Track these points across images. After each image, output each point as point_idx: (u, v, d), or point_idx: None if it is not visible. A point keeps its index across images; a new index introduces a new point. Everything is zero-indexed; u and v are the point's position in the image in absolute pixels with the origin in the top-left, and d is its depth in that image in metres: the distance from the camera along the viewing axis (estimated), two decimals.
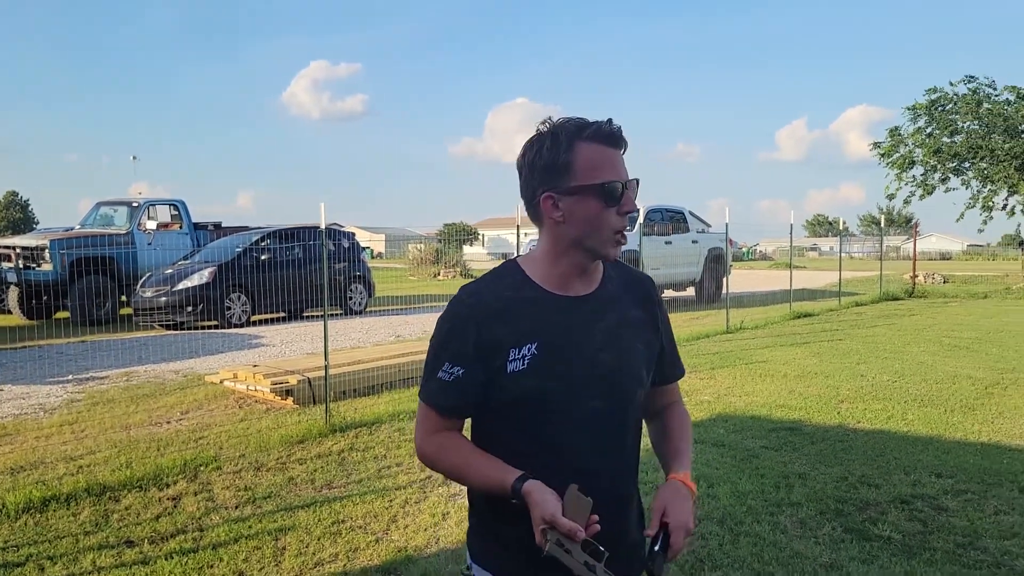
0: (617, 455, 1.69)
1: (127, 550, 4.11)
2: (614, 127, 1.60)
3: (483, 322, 1.60)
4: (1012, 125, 23.08)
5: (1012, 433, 6.31)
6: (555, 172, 1.59)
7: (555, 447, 1.61)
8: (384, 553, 4.07)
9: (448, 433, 1.68)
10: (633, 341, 1.70)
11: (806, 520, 4.43)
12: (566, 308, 1.64)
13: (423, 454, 1.71)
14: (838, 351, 10.75)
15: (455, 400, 1.64)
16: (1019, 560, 3.89)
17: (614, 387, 1.65)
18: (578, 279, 1.67)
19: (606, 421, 1.65)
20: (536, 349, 1.59)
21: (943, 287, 24.41)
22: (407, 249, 32.86)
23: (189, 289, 13.18)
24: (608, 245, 1.62)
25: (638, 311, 1.75)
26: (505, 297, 1.63)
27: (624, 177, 1.60)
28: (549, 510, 1.44)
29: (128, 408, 7.29)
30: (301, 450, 5.87)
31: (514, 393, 1.59)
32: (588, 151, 1.58)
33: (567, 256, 1.64)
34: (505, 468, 1.57)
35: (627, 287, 1.77)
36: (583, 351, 1.62)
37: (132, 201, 15.89)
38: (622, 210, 1.60)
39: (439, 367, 1.63)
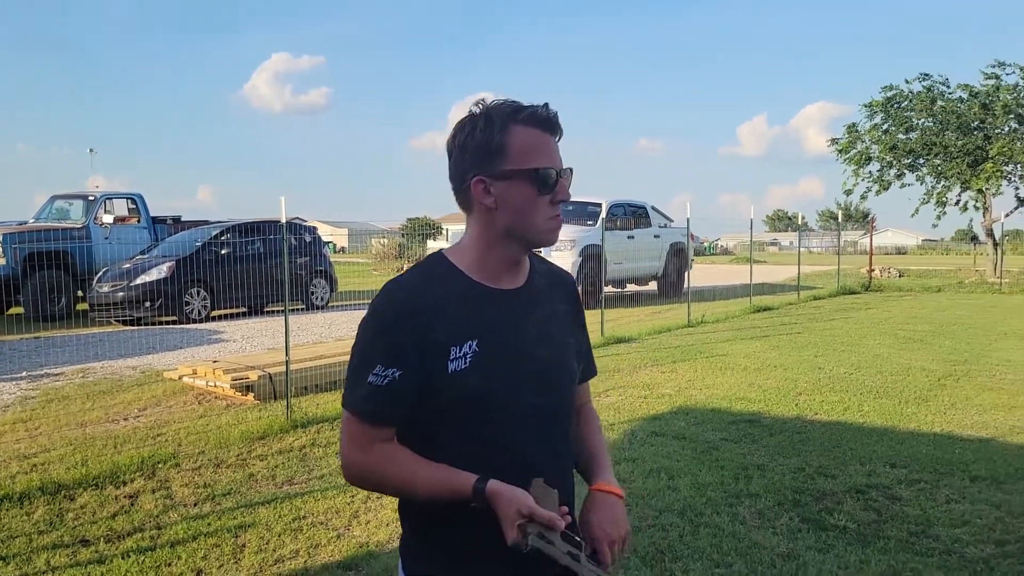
0: (559, 452, 1.64)
1: (82, 549, 4.04)
2: (550, 112, 1.54)
3: (419, 319, 1.48)
4: (965, 122, 23.61)
5: (963, 423, 6.45)
6: (487, 155, 1.51)
7: (500, 446, 1.53)
8: (346, 549, 4.05)
9: (387, 445, 1.53)
10: (564, 335, 1.67)
11: (764, 511, 4.50)
12: (501, 302, 1.57)
13: (357, 472, 1.55)
14: (796, 344, 10.91)
15: (391, 406, 1.50)
16: (969, 548, 3.99)
17: (551, 383, 1.60)
18: (509, 271, 1.60)
19: (547, 418, 1.59)
20: (477, 346, 1.50)
21: (898, 281, 24.88)
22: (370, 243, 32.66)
23: (147, 284, 12.97)
24: (544, 233, 1.55)
25: (564, 306, 1.70)
26: (438, 292, 1.53)
27: (559, 165, 1.54)
28: (527, 503, 1.40)
29: (84, 405, 7.17)
30: (262, 446, 5.82)
31: (455, 394, 1.49)
32: (523, 135, 1.51)
33: (499, 246, 1.57)
34: (457, 473, 1.47)
35: (552, 281, 1.71)
36: (521, 347, 1.56)
37: (88, 194, 15.58)
38: (556, 198, 1.54)
39: (369, 370, 1.48)
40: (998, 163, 22.83)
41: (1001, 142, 22.60)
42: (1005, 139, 22.75)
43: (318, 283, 15.76)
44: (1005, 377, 8.45)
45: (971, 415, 6.75)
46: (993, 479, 5.01)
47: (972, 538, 4.11)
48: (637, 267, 17.04)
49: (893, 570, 3.74)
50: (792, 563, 3.82)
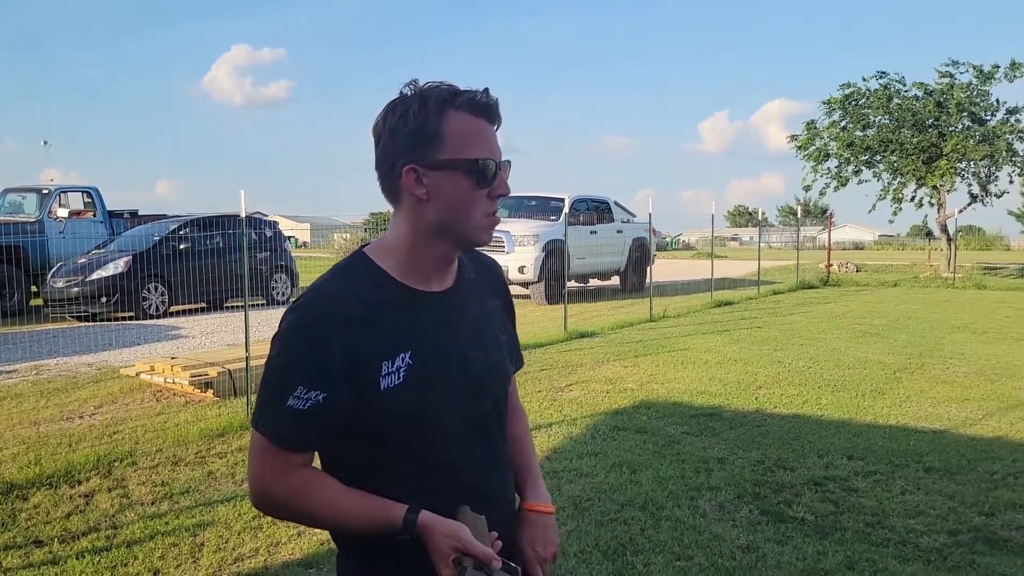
0: (502, 461, 1.56)
1: (35, 550, 3.96)
2: (490, 98, 1.41)
3: (346, 331, 1.34)
4: (920, 120, 24.05)
5: (918, 416, 6.58)
6: (421, 141, 1.37)
7: (441, 464, 1.43)
8: (306, 547, 4.02)
9: (303, 472, 1.39)
10: (495, 332, 1.57)
11: (725, 503, 4.55)
12: (433, 307, 1.45)
13: (270, 501, 1.41)
14: (757, 338, 11.04)
15: (313, 432, 1.36)
16: (924, 537, 4.07)
17: (487, 387, 1.50)
18: (439, 271, 1.47)
19: (487, 425, 1.51)
20: (411, 359, 1.38)
21: (856, 276, 25.29)
22: (332, 238, 32.39)
23: (103, 279, 12.74)
24: (479, 231, 1.43)
25: (494, 299, 1.61)
26: (365, 298, 1.38)
27: (499, 156, 1.41)
28: (461, 536, 1.32)
29: (38, 403, 7.02)
30: (221, 444, 5.74)
31: (391, 412, 1.36)
32: (460, 121, 1.38)
33: (428, 243, 1.43)
34: (385, 504, 1.36)
35: (481, 274, 1.61)
36: (455, 354, 1.45)
37: (42, 188, 15.25)
38: (494, 192, 1.41)
39: (289, 392, 1.32)
40: (952, 160, 23.28)
41: (955, 140, 23.05)
42: (959, 137, 23.20)
43: (279, 278, 15.61)
44: (958, 370, 8.64)
45: (925, 407, 6.88)
46: (946, 470, 5.11)
47: (926, 528, 4.19)
48: (600, 262, 17.11)
49: (850, 561, 3.80)
50: (751, 555, 3.87)
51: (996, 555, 3.88)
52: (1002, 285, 21.73)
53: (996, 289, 20.71)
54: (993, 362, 9.12)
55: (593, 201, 17.46)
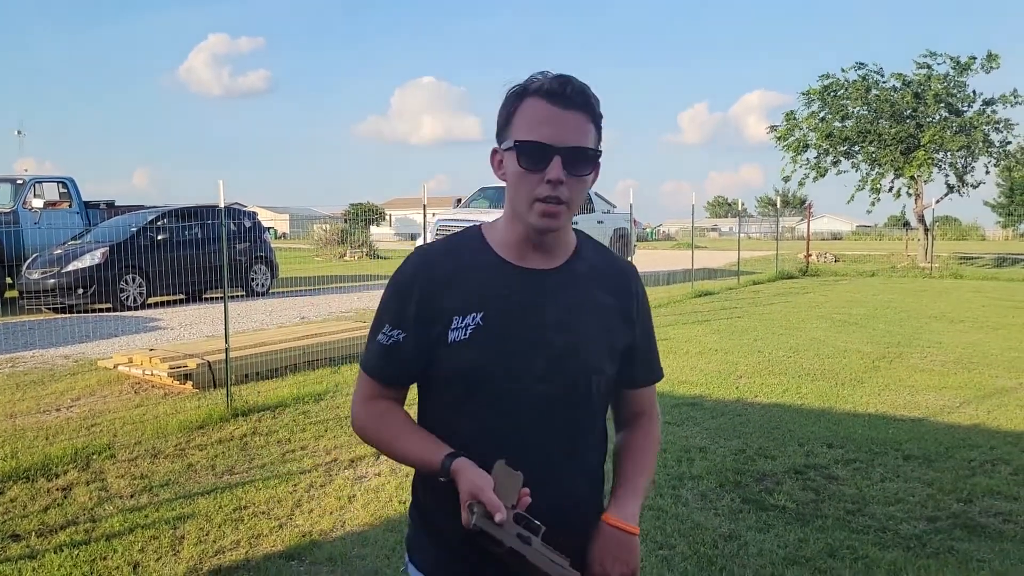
0: (566, 449, 1.52)
1: (12, 544, 3.91)
2: (563, 83, 1.42)
3: (428, 284, 1.49)
4: (898, 111, 24.22)
5: (897, 404, 6.64)
6: (501, 126, 1.49)
7: (488, 427, 1.47)
8: (288, 538, 4.00)
9: (383, 402, 1.56)
10: (597, 325, 1.54)
11: (706, 492, 4.57)
12: (521, 280, 1.50)
13: (354, 421, 1.60)
14: (737, 328, 11.10)
15: (392, 366, 1.53)
16: (903, 524, 4.10)
17: (565, 372, 1.49)
18: (535, 250, 1.51)
19: (553, 408, 1.49)
20: (481, 320, 1.46)
21: (835, 266, 25.48)
22: (312, 229, 32.23)
23: (80, 270, 12.59)
24: (529, 214, 1.45)
25: (609, 298, 1.57)
26: (457, 261, 1.51)
27: (563, 141, 1.41)
28: (478, 484, 1.34)
29: (14, 396, 6.93)
30: (201, 436, 5.70)
31: (453, 366, 1.47)
32: (531, 106, 1.43)
33: (515, 223, 1.51)
34: (438, 445, 1.46)
35: (602, 272, 1.59)
36: (534, 328, 1.48)
37: (17, 178, 15.04)
38: (546, 176, 1.41)
39: (380, 329, 1.52)
40: (929, 151, 23.48)
41: (932, 130, 23.23)
42: (936, 127, 23.39)
43: (259, 269, 15.49)
44: (935, 359, 8.72)
45: (904, 396, 6.95)
46: (925, 457, 5.16)
47: (905, 515, 4.23)
48: None
49: (831, 548, 3.83)
50: (733, 543, 3.89)
51: (974, 541, 3.92)
52: (978, 275, 21.97)
53: (972, 279, 20.94)
54: (970, 351, 9.21)
55: None
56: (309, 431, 5.82)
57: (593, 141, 1.47)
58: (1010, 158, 24.69)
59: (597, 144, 1.48)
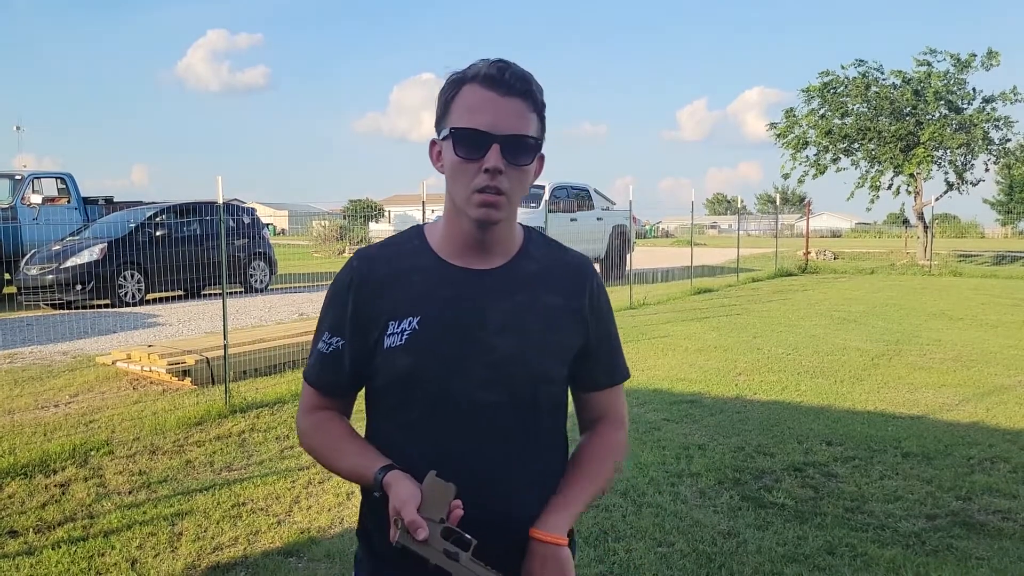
0: (511, 460, 1.43)
1: (10, 540, 3.90)
2: (501, 68, 1.35)
3: (364, 289, 1.44)
4: (898, 108, 24.18)
5: (896, 402, 6.64)
6: (440, 116, 1.41)
7: (434, 441, 1.40)
8: (286, 535, 3.99)
9: (324, 412, 1.51)
10: (543, 328, 1.45)
11: (705, 490, 4.56)
12: (460, 281, 1.42)
13: (298, 432, 1.55)
14: (736, 325, 11.09)
15: (332, 375, 1.48)
16: (902, 522, 4.10)
17: (508, 379, 1.40)
18: (475, 248, 1.43)
19: (496, 417, 1.40)
20: (418, 324, 1.39)
21: (834, 263, 25.46)
22: (311, 226, 32.19)
23: (78, 266, 12.58)
24: (468, 206, 1.37)
25: (558, 298, 1.48)
26: (395, 264, 1.45)
27: (501, 128, 1.33)
28: (401, 499, 1.27)
29: (12, 392, 6.92)
30: (199, 432, 5.69)
31: (390, 372, 1.41)
32: (469, 93, 1.36)
33: (455, 219, 1.43)
34: (373, 458, 1.39)
35: (551, 270, 1.50)
36: (474, 332, 1.40)
37: (15, 174, 15.01)
38: (483, 165, 1.34)
39: (320, 337, 1.49)
40: (929, 148, 23.46)
41: (932, 128, 23.21)
42: (936, 125, 23.36)
43: (257, 265, 15.47)
44: (935, 356, 8.72)
45: (903, 393, 6.94)
46: (924, 455, 5.16)
47: (904, 513, 4.23)
48: (580, 249, 16.94)
49: (830, 545, 3.82)
50: (732, 540, 3.88)
51: (973, 539, 3.91)
52: (977, 272, 21.97)
53: (971, 276, 20.93)
54: (969, 348, 9.21)
55: (573, 188, 17.45)
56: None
57: (535, 130, 1.39)
58: (1010, 156, 24.67)
59: (540, 134, 1.40)
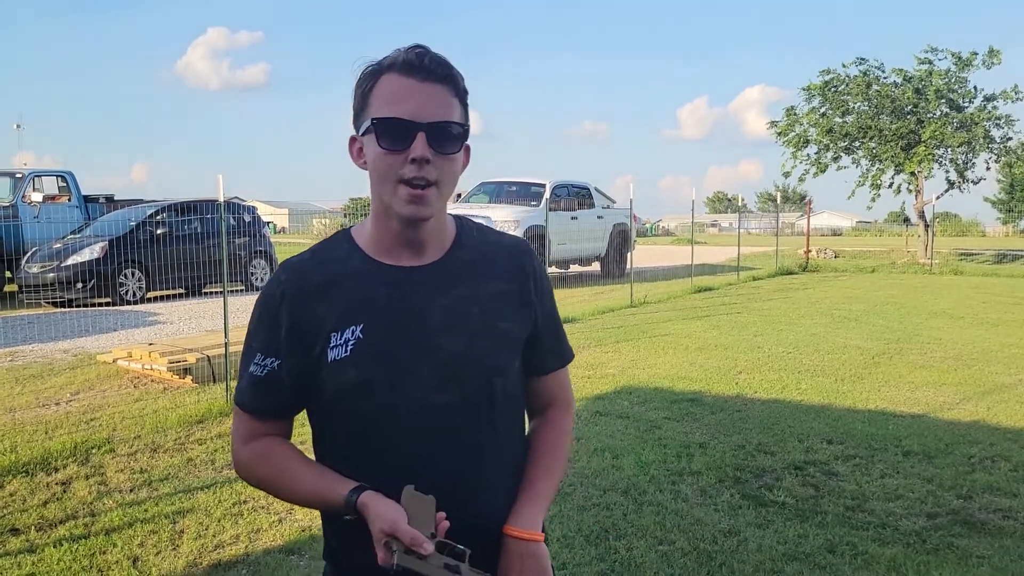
0: (478, 460, 1.39)
1: (12, 538, 3.90)
2: (420, 54, 1.30)
3: (298, 303, 1.35)
4: (899, 106, 24.17)
5: (896, 400, 6.64)
6: (357, 111, 1.35)
7: (385, 450, 1.34)
8: (288, 533, 3.99)
9: (267, 440, 1.41)
10: (489, 319, 1.39)
11: (706, 488, 4.57)
12: (398, 282, 1.36)
13: (237, 466, 1.44)
14: (736, 324, 11.09)
15: (270, 399, 1.39)
16: (903, 520, 4.10)
17: (460, 377, 1.36)
18: (408, 245, 1.37)
19: (454, 418, 1.36)
20: (361, 332, 1.33)
21: (834, 262, 25.43)
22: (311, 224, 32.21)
23: (79, 264, 12.59)
24: (396, 200, 1.30)
25: (500, 283, 1.43)
26: (327, 272, 1.37)
27: (425, 116, 1.28)
28: (390, 519, 1.23)
29: (13, 390, 6.93)
30: (201, 430, 5.69)
31: (337, 387, 1.34)
32: (387, 83, 1.30)
33: (383, 215, 1.36)
34: (336, 480, 1.33)
35: (489, 257, 1.44)
36: (418, 334, 1.34)
37: (16, 172, 15.03)
38: (409, 156, 1.27)
39: (251, 359, 1.38)
40: (930, 147, 23.44)
41: (933, 126, 23.19)
42: (937, 123, 23.34)
43: (258, 264, 15.48)
44: (935, 355, 8.72)
45: (904, 392, 6.94)
46: (925, 454, 5.16)
47: (905, 511, 4.23)
48: (580, 248, 17.11)
49: (830, 544, 3.82)
50: (733, 539, 3.89)
51: (974, 537, 3.92)
52: (978, 271, 21.96)
53: (972, 275, 20.92)
54: (970, 347, 9.21)
55: (574, 187, 17.45)
56: (308, 426, 5.80)
57: (459, 116, 1.33)
58: (1011, 154, 24.63)
59: (465, 121, 1.35)
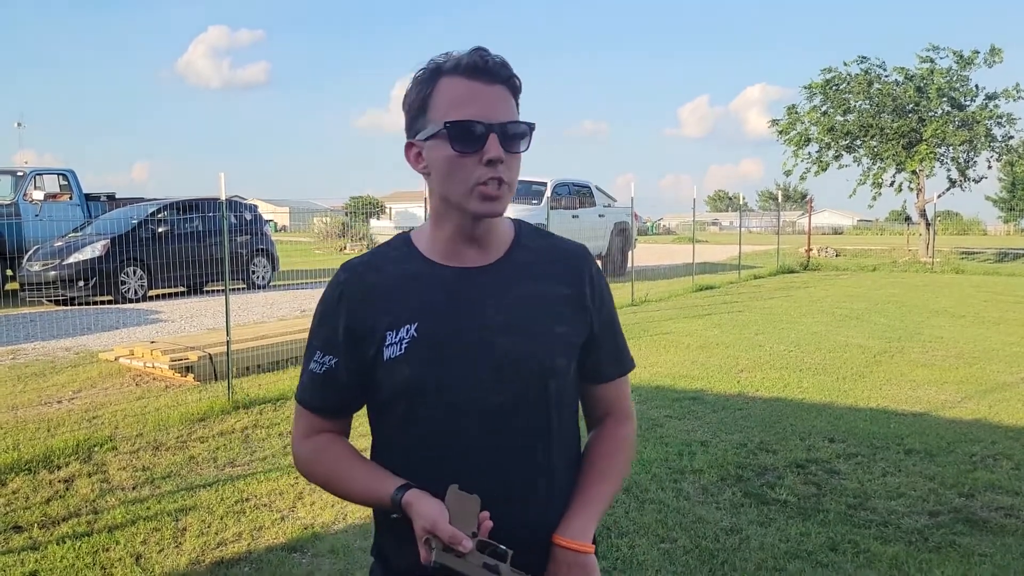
0: (528, 463, 1.38)
1: (15, 535, 3.91)
2: (483, 56, 1.31)
3: (355, 303, 1.38)
4: (900, 105, 24.16)
5: (898, 398, 6.64)
6: (416, 115, 1.35)
7: (444, 451, 1.35)
8: (290, 531, 4.00)
9: (325, 436, 1.45)
10: (546, 321, 1.39)
11: (708, 486, 4.57)
12: (456, 282, 1.38)
13: (297, 460, 1.48)
14: (738, 322, 11.09)
15: (328, 396, 1.42)
16: (905, 519, 4.11)
17: (515, 378, 1.35)
18: (468, 246, 1.39)
19: (507, 419, 1.36)
20: (416, 331, 1.34)
21: (835, 261, 25.44)
22: (312, 222, 32.18)
23: (81, 263, 12.58)
24: (471, 201, 1.32)
25: (558, 286, 1.43)
26: (386, 272, 1.40)
27: (494, 117, 1.30)
28: (431, 517, 1.23)
29: (15, 387, 6.93)
30: (202, 428, 5.70)
31: (392, 385, 1.35)
32: (449, 86, 1.31)
33: (447, 217, 1.37)
34: (386, 478, 1.34)
35: (548, 259, 1.45)
36: (473, 334, 1.35)
37: (17, 170, 15.02)
38: (484, 157, 1.29)
39: (311, 358, 1.42)
40: (931, 145, 23.44)
41: (935, 125, 23.18)
42: (938, 122, 23.33)
43: (259, 262, 15.48)
44: (937, 353, 8.71)
45: (905, 390, 6.94)
46: (927, 452, 5.16)
47: (907, 509, 4.23)
48: None
49: (832, 542, 3.83)
50: (735, 537, 3.89)
51: (976, 535, 3.92)
52: (979, 270, 21.96)
53: (974, 274, 20.92)
54: (971, 345, 9.21)
55: (575, 185, 17.45)
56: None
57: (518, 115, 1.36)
58: (1012, 153, 24.61)
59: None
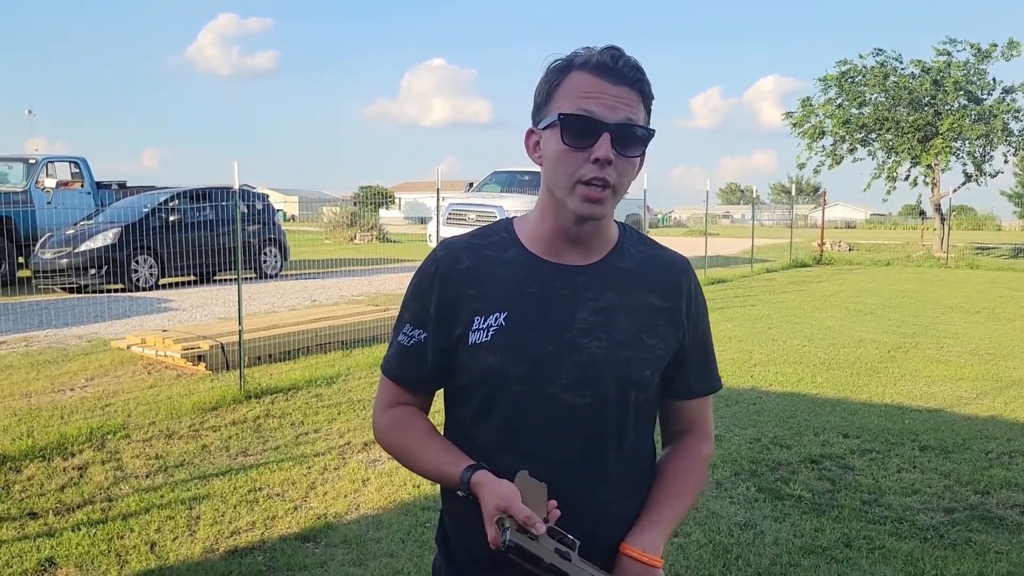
0: (597, 468, 1.36)
1: (30, 522, 3.92)
2: (614, 56, 1.28)
3: (449, 281, 1.37)
4: (916, 98, 23.96)
5: (913, 394, 6.59)
6: (540, 104, 1.35)
7: (516, 443, 1.34)
8: (303, 520, 4.00)
9: (404, 408, 1.45)
10: (636, 331, 1.37)
11: (722, 481, 4.55)
12: (551, 277, 1.36)
13: (375, 429, 1.49)
14: (751, 316, 11.04)
15: (413, 369, 1.42)
16: (920, 515, 4.07)
17: (596, 382, 1.33)
18: (569, 244, 1.37)
19: (583, 421, 1.34)
20: (504, 320, 1.33)
21: (849, 255, 25.33)
22: (322, 212, 32.23)
23: (92, 250, 12.61)
24: (570, 199, 1.30)
25: (655, 298, 1.40)
26: (482, 256, 1.39)
27: (612, 117, 1.27)
28: (507, 497, 1.21)
29: (28, 375, 6.96)
30: (215, 417, 5.71)
31: (473, 370, 1.35)
32: (576, 80, 1.29)
33: (551, 210, 1.36)
34: (458, 457, 1.34)
35: (648, 268, 1.42)
36: (561, 331, 1.33)
37: (29, 158, 15.06)
38: (592, 155, 1.26)
39: (401, 328, 1.43)
40: (947, 139, 23.25)
41: (951, 118, 22.99)
42: (955, 115, 23.13)
43: (270, 251, 15.49)
44: (951, 349, 8.66)
45: (920, 386, 6.90)
46: (942, 448, 5.12)
47: (922, 506, 4.20)
48: None
49: (847, 538, 3.80)
50: (749, 532, 3.87)
51: (992, 533, 3.89)
52: (994, 265, 21.80)
53: (988, 269, 20.79)
54: (986, 342, 9.14)
55: None
56: (322, 414, 5.82)
57: (644, 121, 1.33)
58: None
59: (647, 124, 1.34)
